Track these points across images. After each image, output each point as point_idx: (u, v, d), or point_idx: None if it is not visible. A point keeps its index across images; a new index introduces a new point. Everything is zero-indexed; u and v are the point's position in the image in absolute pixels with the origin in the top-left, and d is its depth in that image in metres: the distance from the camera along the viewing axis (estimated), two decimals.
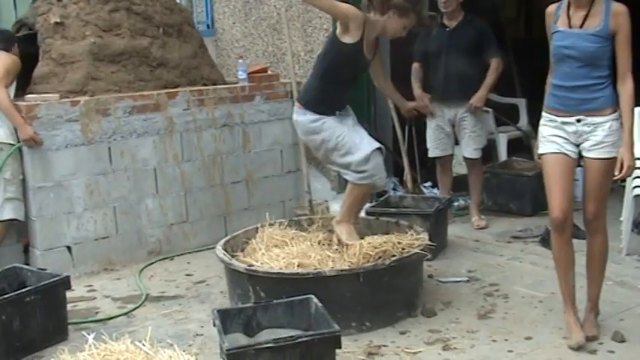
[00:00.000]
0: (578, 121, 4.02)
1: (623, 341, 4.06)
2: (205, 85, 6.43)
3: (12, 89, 5.50)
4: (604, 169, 4.02)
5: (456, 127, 6.42)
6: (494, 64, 6.26)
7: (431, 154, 6.59)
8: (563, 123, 4.07)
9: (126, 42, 5.99)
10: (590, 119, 3.99)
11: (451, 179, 6.70)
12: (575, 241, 4.29)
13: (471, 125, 6.35)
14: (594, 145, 4.01)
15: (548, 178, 4.15)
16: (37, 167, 5.47)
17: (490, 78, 6.28)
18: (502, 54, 6.40)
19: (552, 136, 4.10)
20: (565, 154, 4.08)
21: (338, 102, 4.87)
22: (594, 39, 3.94)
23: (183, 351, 3.35)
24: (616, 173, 3.95)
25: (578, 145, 4.08)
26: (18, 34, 6.06)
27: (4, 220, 5.47)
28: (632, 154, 3.97)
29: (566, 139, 4.08)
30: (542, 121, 4.21)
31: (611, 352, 3.98)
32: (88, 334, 3.40)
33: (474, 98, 6.26)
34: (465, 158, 6.53)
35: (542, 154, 4.18)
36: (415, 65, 6.48)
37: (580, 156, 4.12)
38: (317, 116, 4.76)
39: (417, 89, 6.44)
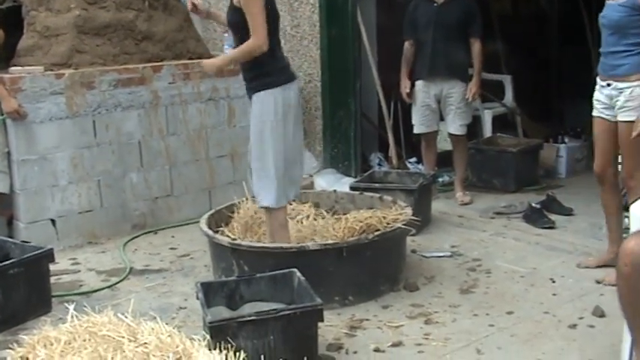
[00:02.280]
0: (609, 85, 4.45)
1: (602, 316, 4.10)
2: (191, 58, 6.39)
3: None
4: (626, 132, 4.36)
5: (442, 103, 6.42)
6: (478, 47, 6.29)
7: (416, 130, 6.60)
8: (602, 87, 4.52)
9: (111, 15, 5.95)
10: (615, 84, 4.41)
11: (436, 155, 6.72)
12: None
13: (457, 101, 6.35)
14: (619, 108, 4.41)
15: (593, 138, 4.72)
16: (21, 140, 5.44)
17: (479, 64, 6.33)
18: (483, 34, 6.40)
19: (595, 100, 4.57)
20: (602, 117, 4.54)
21: None
22: (621, 9, 4.33)
23: (167, 324, 3.36)
24: (633, 134, 4.26)
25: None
26: (2, 6, 6.01)
27: None
28: None
29: (604, 102, 4.51)
30: None
31: (591, 326, 4.03)
32: (72, 307, 3.40)
33: (470, 93, 6.30)
34: (450, 134, 6.54)
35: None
36: (406, 45, 6.47)
37: None
38: None
39: (403, 75, 6.47)
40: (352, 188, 5.78)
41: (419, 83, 6.43)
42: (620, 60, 4.36)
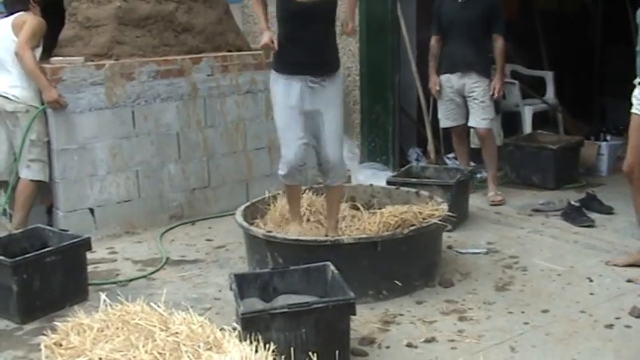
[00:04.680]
0: (639, 83, 4.46)
1: None
2: (230, 51, 6.41)
3: (38, 51, 5.52)
4: None
5: (466, 97, 6.37)
6: (500, 43, 6.21)
7: (442, 124, 6.59)
8: (638, 84, 4.54)
9: (151, 6, 5.99)
10: None
11: (468, 149, 6.67)
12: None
13: (480, 96, 6.27)
14: None
15: (628, 135, 4.74)
16: (61, 130, 5.51)
17: (502, 60, 6.27)
18: (505, 31, 6.28)
19: (633, 97, 4.57)
20: (636, 114, 4.55)
21: (287, 58, 4.61)
22: None
23: (200, 314, 3.38)
24: None
25: None
26: None
27: (32, 180, 5.51)
28: None
29: (638, 99, 4.52)
30: None
31: (628, 326, 3.97)
32: (106, 295, 3.44)
33: (495, 90, 6.23)
34: (475, 131, 6.49)
35: None
36: (432, 42, 6.45)
37: None
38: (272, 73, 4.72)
39: (431, 70, 6.45)
40: (389, 183, 5.76)
41: (443, 78, 6.40)
42: None
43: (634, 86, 4.63)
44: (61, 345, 3.00)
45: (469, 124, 6.46)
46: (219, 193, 6.30)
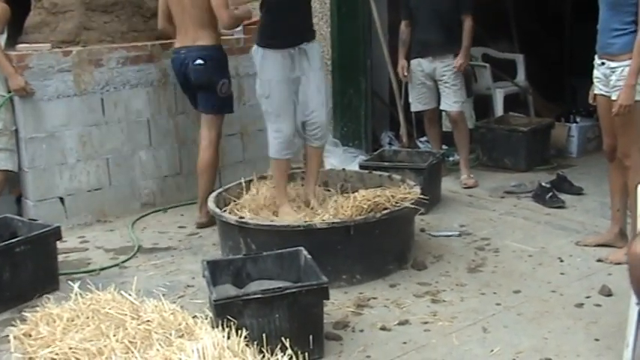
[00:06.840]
0: (602, 64, 4.39)
1: (610, 295, 4.08)
2: None
3: (2, 38, 5.44)
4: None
5: (437, 81, 6.38)
6: (468, 24, 6.20)
7: (413, 108, 6.60)
8: (598, 65, 4.45)
9: None
10: (608, 63, 4.35)
11: (440, 133, 6.70)
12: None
13: (452, 79, 6.29)
14: (612, 87, 4.33)
15: (598, 115, 4.69)
16: (29, 118, 5.43)
17: (467, 41, 6.24)
18: (473, 10, 6.26)
19: (595, 78, 4.50)
20: (603, 94, 4.45)
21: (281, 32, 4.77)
22: None
23: (174, 302, 3.36)
24: (613, 110, 4.26)
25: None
26: None
27: (0, 170, 5.44)
28: (630, 94, 4.19)
29: (601, 79, 4.44)
30: None
31: (598, 305, 4.01)
32: (77, 285, 3.40)
33: (457, 64, 6.23)
34: (447, 114, 6.50)
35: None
36: (402, 26, 6.45)
37: None
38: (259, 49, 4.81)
39: (400, 56, 6.44)
40: (361, 167, 5.77)
41: (414, 62, 6.40)
42: (613, 39, 4.29)
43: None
44: (30, 335, 2.97)
45: (441, 107, 6.47)
46: (192, 180, 6.22)
